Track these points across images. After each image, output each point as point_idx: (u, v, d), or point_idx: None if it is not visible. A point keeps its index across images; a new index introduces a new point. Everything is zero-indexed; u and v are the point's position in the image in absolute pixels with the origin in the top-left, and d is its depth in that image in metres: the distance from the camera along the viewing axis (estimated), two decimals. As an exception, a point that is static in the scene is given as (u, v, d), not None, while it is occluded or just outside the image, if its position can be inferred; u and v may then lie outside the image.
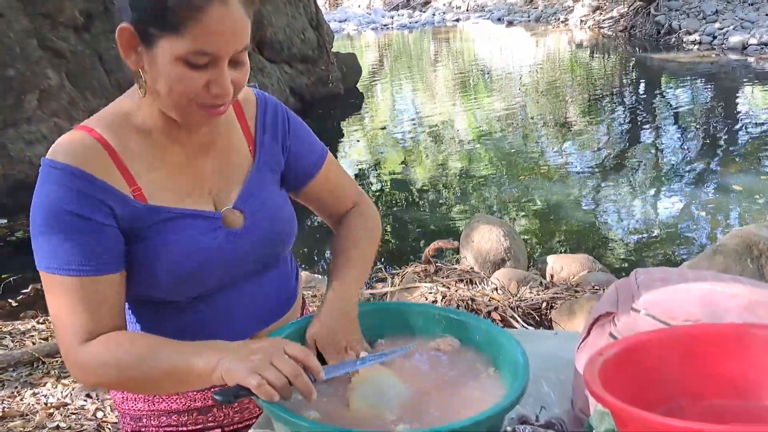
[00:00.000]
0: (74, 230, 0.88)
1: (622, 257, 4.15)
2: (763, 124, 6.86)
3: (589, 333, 0.92)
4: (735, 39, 11.81)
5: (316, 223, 4.33)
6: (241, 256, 1.00)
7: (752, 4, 13.63)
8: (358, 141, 8.18)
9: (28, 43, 4.98)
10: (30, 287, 3.86)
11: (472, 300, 2.70)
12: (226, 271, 0.99)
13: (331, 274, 1.05)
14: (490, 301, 2.68)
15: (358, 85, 11.16)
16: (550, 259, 3.50)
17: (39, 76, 4.99)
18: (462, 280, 3.10)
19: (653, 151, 6.52)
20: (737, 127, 6.96)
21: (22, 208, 4.88)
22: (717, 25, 12.85)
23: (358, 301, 1.00)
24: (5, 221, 4.86)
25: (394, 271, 3.40)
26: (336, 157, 1.18)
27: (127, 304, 0.98)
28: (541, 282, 3.02)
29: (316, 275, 3.73)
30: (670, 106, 8.47)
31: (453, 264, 3.42)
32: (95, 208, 0.89)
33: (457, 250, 3.52)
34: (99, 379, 0.90)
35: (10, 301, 3.80)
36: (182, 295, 0.98)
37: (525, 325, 2.49)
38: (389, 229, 4.87)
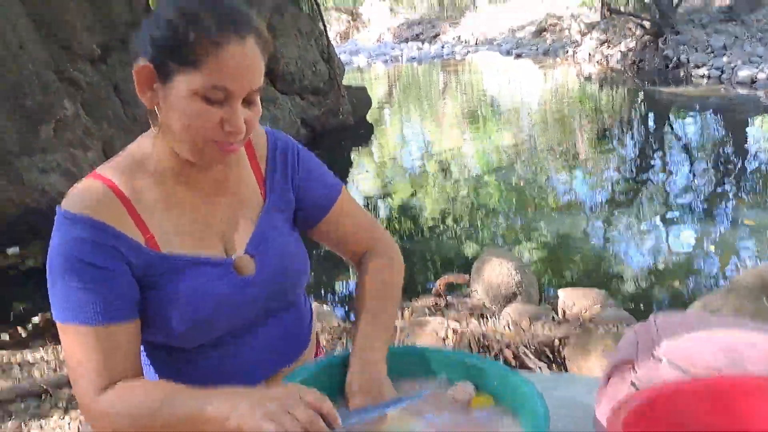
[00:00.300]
0: (88, 279, 0.88)
1: (633, 292, 4.11)
2: (773, 158, 6.85)
3: (608, 380, 0.90)
4: (744, 73, 11.86)
5: (323, 253, 4.32)
6: (253, 302, 1.00)
7: (760, 39, 13.72)
8: (367, 171, 8.22)
9: (46, 74, 5.08)
10: (40, 316, 3.86)
11: (484, 336, 2.68)
12: (239, 317, 0.99)
13: (356, 334, 1.02)
14: (502, 337, 2.65)
15: (367, 117, 11.25)
16: (562, 293, 3.47)
17: (56, 106, 5.07)
18: (473, 315, 3.08)
19: (663, 183, 6.50)
20: (748, 161, 6.94)
21: (34, 236, 4.93)
22: (725, 59, 12.92)
23: (385, 361, 0.97)
24: (17, 249, 4.89)
25: (405, 304, 3.38)
26: (345, 187, 1.17)
27: (142, 347, 0.98)
28: (553, 317, 2.99)
29: (324, 306, 3.72)
30: (680, 139, 8.48)
31: (464, 298, 3.40)
32: (109, 257, 0.90)
33: (467, 284, 3.51)
34: (115, 428, 0.89)
35: (19, 330, 3.80)
36: (195, 342, 0.97)
37: (538, 363, 2.46)
38: (399, 261, 4.85)
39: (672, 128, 9.33)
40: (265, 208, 1.04)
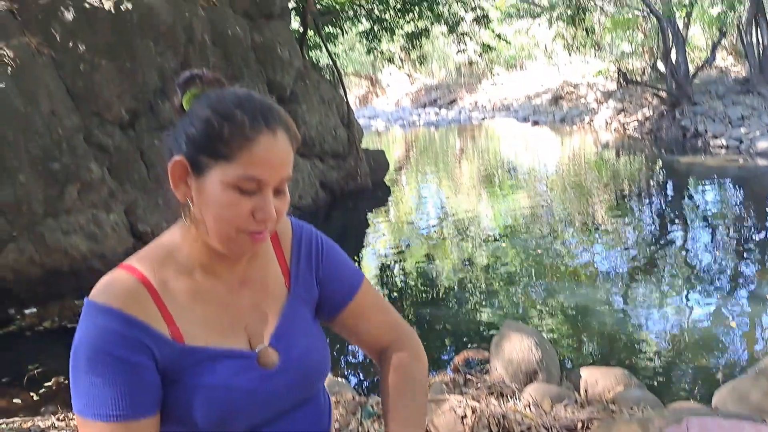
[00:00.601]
0: (113, 372, 0.88)
1: (657, 370, 4.00)
2: (796, 231, 6.76)
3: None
4: (763, 144, 11.88)
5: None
6: (276, 397, 0.99)
7: (777, 111, 13.81)
8: (383, 235, 8.23)
9: (75, 138, 5.23)
10: (53, 380, 3.83)
11: (504, 417, 2.60)
12: (261, 412, 0.98)
13: None
14: (523, 419, 2.57)
15: (385, 179, 11.38)
16: (584, 371, 3.38)
17: (82, 168, 5.20)
18: (492, 393, 3.00)
19: (684, 255, 6.41)
20: (770, 233, 6.85)
21: (53, 297, 4.96)
22: (743, 129, 12.98)
23: None
24: (35, 310, 4.91)
25: (422, 379, 3.30)
26: (362, 251, 1.18)
27: None
28: (576, 400, 2.91)
29: (339, 379, 3.65)
30: (699, 209, 8.43)
31: (482, 374, 3.32)
32: (135, 351, 0.90)
33: (487, 360, 3.43)
34: None
35: (32, 394, 3.77)
36: None
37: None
38: (414, 331, 4.79)
39: (691, 198, 9.30)
40: (289, 299, 1.05)
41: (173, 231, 1.00)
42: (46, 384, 3.84)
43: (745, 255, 6.18)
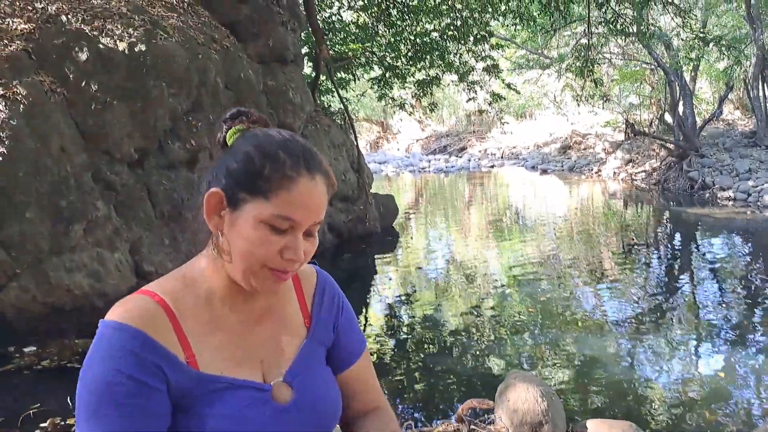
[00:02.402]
0: (124, 395, 0.86)
1: (665, 424, 3.88)
2: (808, 285, 6.65)
3: None
4: (771, 197, 11.84)
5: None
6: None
7: (785, 164, 13.81)
8: (390, 279, 8.17)
9: (83, 176, 5.27)
10: (48, 421, 3.75)
11: (507, 470, 2.51)
12: None
13: None
14: (526, 473, 2.48)
15: (394, 224, 11.37)
16: (591, 424, 3.28)
17: (88, 206, 5.22)
18: (496, 445, 2.91)
19: (692, 307, 6.31)
20: (780, 287, 6.75)
21: (52, 335, 4.90)
22: (751, 182, 12.97)
23: None
24: (34, 349, 4.85)
25: (425, 428, 3.21)
26: (368, 295, 1.20)
27: None
28: (581, 453, 2.81)
29: None
30: (708, 260, 8.33)
31: (487, 424, 3.23)
32: (150, 373, 0.89)
33: (491, 410, 3.34)
34: None
35: (25, 435, 3.69)
36: None
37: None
38: (419, 377, 4.69)
39: (699, 249, 9.21)
40: (309, 337, 1.06)
41: (196, 261, 1.01)
42: (42, 425, 3.76)
43: (753, 307, 6.07)
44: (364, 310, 6.47)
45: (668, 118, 17.89)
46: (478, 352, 5.25)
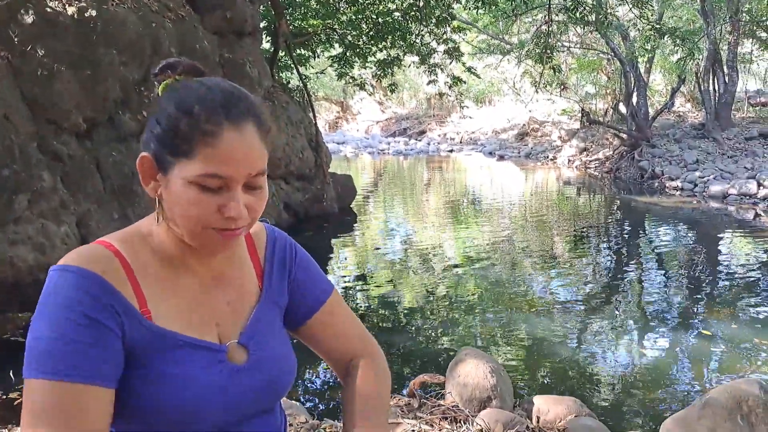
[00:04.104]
0: (74, 329, 0.82)
1: (608, 400, 4.03)
2: (744, 272, 6.95)
3: None
4: (716, 188, 12.27)
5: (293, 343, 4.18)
6: (241, 396, 0.95)
7: (731, 157, 14.32)
8: (346, 259, 8.17)
9: (29, 146, 5.06)
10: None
11: (455, 442, 2.55)
12: (223, 412, 0.93)
13: None
14: (473, 445, 2.52)
15: (352, 205, 11.35)
16: (537, 399, 3.36)
17: (34, 177, 5.02)
18: (446, 418, 2.95)
19: (637, 291, 6.53)
20: (719, 273, 7.03)
21: (-5, 309, 4.73)
22: (698, 173, 13.41)
23: None
24: (-25, 321, 4.68)
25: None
26: (325, 274, 1.16)
27: None
28: (528, 426, 2.88)
29: (292, 401, 3.55)
30: (654, 247, 8.61)
31: (437, 398, 3.27)
32: (107, 314, 0.85)
33: (442, 385, 3.39)
34: None
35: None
36: None
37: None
38: (371, 355, 4.72)
39: (647, 237, 9.50)
40: (261, 299, 1.03)
41: (148, 219, 0.97)
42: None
43: (695, 293, 6.31)
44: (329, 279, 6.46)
45: (622, 108, 18.31)
46: (431, 331, 5.32)
